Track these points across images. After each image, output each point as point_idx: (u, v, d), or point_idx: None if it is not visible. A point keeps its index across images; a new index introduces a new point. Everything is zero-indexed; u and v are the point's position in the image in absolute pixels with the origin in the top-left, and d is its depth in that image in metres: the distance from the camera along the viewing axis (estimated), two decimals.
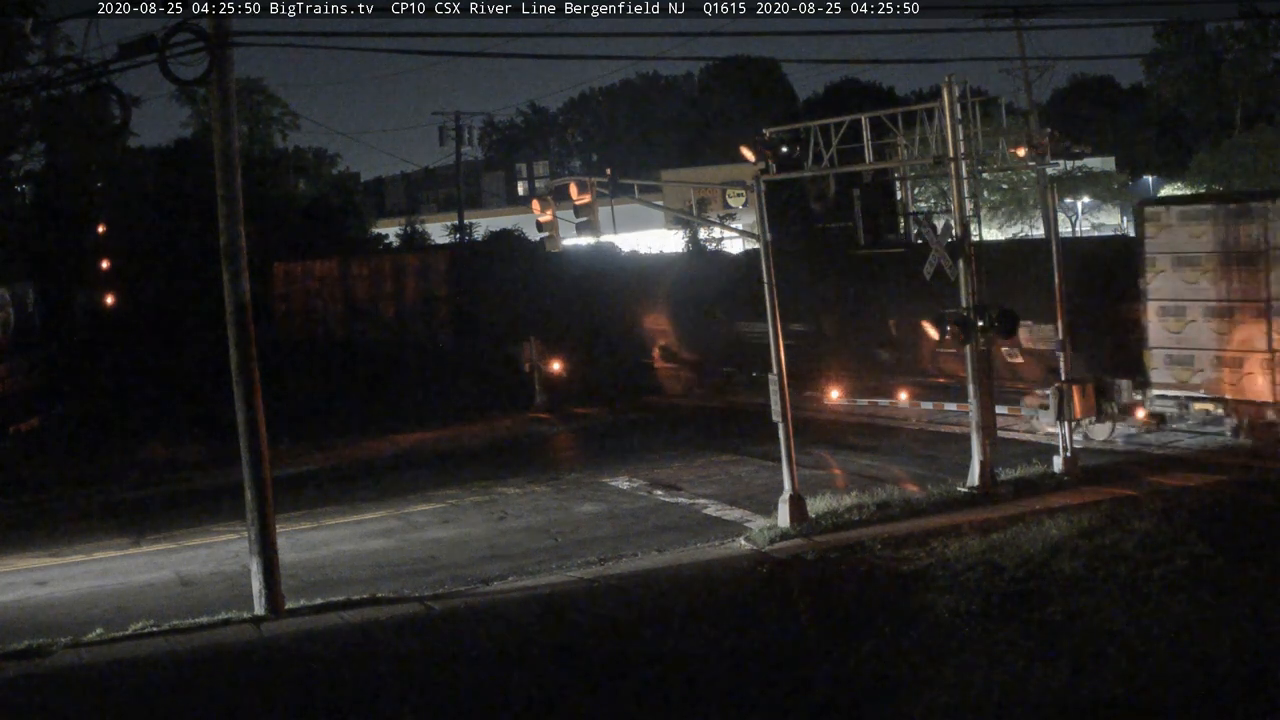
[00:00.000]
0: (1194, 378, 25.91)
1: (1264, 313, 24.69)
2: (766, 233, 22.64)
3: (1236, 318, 25.20)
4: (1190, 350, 25.97)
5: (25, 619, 19.31)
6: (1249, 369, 24.92)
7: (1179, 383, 26.14)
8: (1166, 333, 26.41)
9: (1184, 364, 26.10)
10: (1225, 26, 73.23)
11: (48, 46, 37.47)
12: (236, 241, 18.79)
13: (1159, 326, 26.53)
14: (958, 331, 22.73)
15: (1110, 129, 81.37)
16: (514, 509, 25.25)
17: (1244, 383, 25.08)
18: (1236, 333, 25.21)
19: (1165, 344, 26.41)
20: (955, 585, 17.66)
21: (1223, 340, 25.42)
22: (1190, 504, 20.67)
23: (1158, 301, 26.53)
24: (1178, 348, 26.19)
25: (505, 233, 64.11)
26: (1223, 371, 25.41)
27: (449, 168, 75.67)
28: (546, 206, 23.71)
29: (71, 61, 20.50)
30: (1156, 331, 26.58)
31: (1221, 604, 16.13)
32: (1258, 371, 24.78)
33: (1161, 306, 26.48)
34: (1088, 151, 36.38)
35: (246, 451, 18.82)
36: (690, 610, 17.86)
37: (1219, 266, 25.41)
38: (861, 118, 24.50)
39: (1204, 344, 25.73)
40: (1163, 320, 26.48)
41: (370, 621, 18.08)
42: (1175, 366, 26.26)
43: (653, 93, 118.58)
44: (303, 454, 31.96)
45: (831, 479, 25.55)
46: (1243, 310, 25.06)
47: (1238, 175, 57.13)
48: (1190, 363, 26.01)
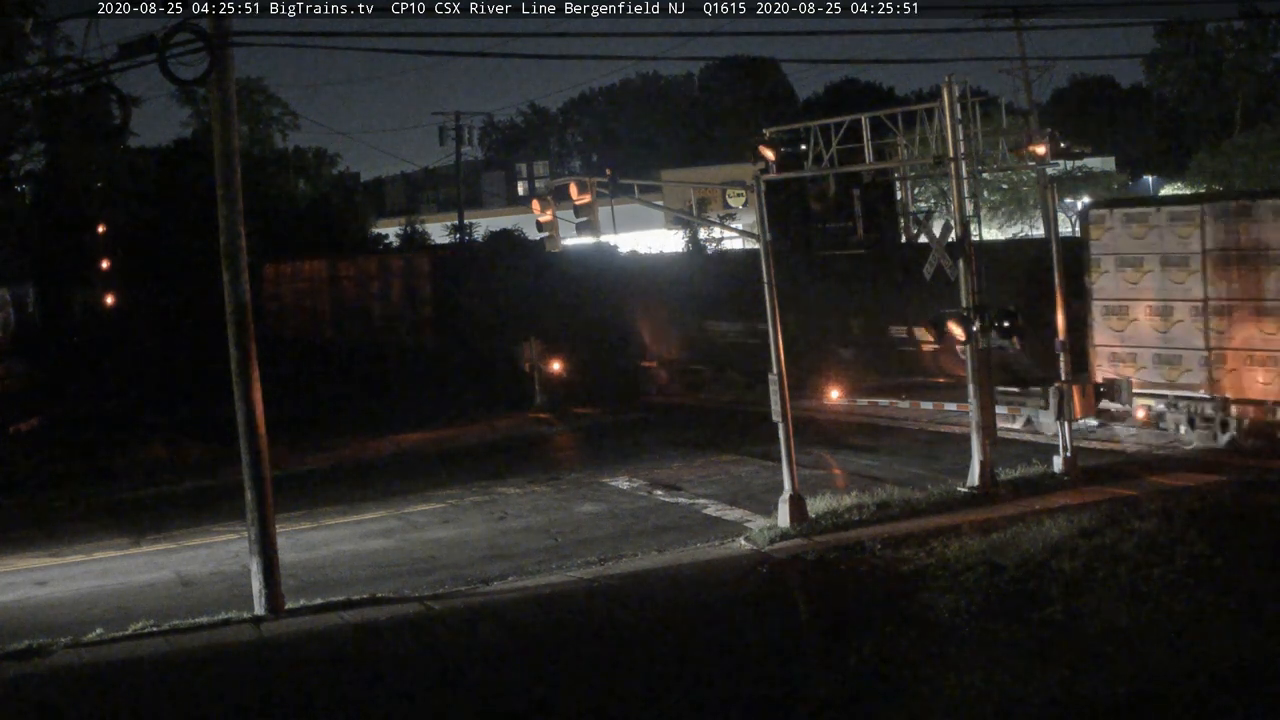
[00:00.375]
0: (1138, 374, 26.66)
1: (1201, 312, 25.66)
2: (766, 233, 22.64)
3: (1175, 316, 26.14)
4: (1134, 348, 26.91)
5: (25, 619, 19.30)
6: (1188, 365, 25.94)
7: (1162, 378, 26.85)
8: (1110, 330, 27.41)
9: (1127, 361, 26.98)
10: (1225, 26, 73.23)
11: (48, 46, 37.50)
12: (236, 241, 18.79)
13: (1103, 324, 27.49)
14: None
15: (1110, 129, 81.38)
16: (514, 509, 25.25)
17: (1183, 379, 26.13)
18: (1176, 330, 26.17)
19: (1109, 342, 27.37)
20: (955, 585, 17.66)
21: (1165, 339, 26.41)
22: (1190, 504, 20.67)
23: (1101, 301, 27.56)
24: (1121, 345, 27.14)
25: (504, 233, 64.11)
26: (1163, 368, 26.33)
27: (449, 168, 75.63)
28: (546, 206, 23.70)
29: (71, 61, 20.52)
30: (1100, 329, 27.53)
31: (1221, 604, 16.13)
32: (1195, 368, 25.72)
33: (1105, 305, 27.51)
34: (1088, 151, 36.41)
35: (246, 452, 18.81)
36: (690, 610, 17.86)
37: (1159, 268, 26.46)
38: (861, 118, 24.49)
39: (1146, 342, 26.65)
40: (1106, 319, 27.49)
41: (370, 621, 18.07)
42: (1119, 363, 27.15)
43: (653, 93, 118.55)
44: (303, 454, 31.95)
45: (831, 479, 25.55)
46: (1181, 309, 26.11)
47: (1238, 175, 57.07)
48: (1134, 360, 26.89)
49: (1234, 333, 25.15)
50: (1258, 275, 24.87)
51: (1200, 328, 25.66)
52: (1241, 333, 25.05)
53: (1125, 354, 27.03)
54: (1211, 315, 25.49)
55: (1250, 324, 24.93)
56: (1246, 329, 24.97)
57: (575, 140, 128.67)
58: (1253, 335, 24.90)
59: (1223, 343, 25.32)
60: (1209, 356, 25.56)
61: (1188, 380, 25.89)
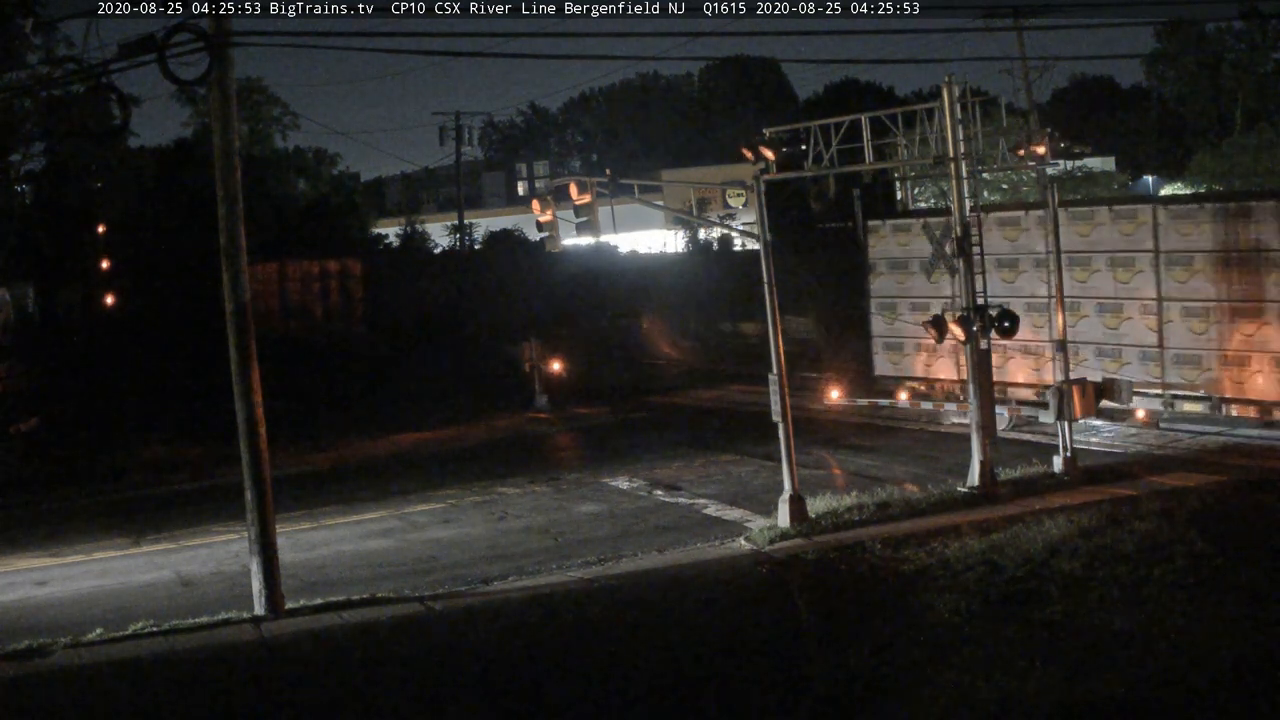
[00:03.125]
0: (903, 361, 32.09)
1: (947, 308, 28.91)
2: (766, 232, 22.65)
3: (932, 310, 29.79)
4: (900, 338, 32.07)
5: (25, 619, 19.30)
6: (941, 355, 30.67)
7: (894, 368, 32.30)
8: (884, 324, 32.40)
9: (895, 350, 32.42)
10: (1225, 26, 73.13)
11: (48, 46, 37.48)
12: (236, 241, 18.78)
13: (878, 319, 32.65)
14: (934, 331, 22.93)
15: (1110, 129, 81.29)
16: (514, 509, 25.25)
17: (936, 367, 31.03)
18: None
19: (882, 333, 32.62)
20: (955, 585, 17.66)
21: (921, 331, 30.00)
22: (1190, 504, 20.66)
23: (877, 299, 32.50)
24: (892, 336, 32.35)
25: (504, 233, 64.33)
26: (922, 356, 31.50)
27: (449, 168, 75.57)
28: (546, 206, 23.70)
29: (71, 61, 20.50)
30: (876, 323, 32.64)
31: (1221, 604, 16.12)
32: (948, 357, 30.12)
33: (880, 303, 32.49)
34: (1088, 151, 36.58)
35: (246, 451, 18.81)
36: (690, 610, 17.86)
37: (920, 270, 31.42)
38: (861, 118, 24.48)
39: (910, 335, 31.29)
40: (881, 314, 32.54)
41: (370, 621, 18.07)
42: (890, 351, 32.57)
43: (653, 93, 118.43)
44: (303, 454, 31.95)
45: (831, 479, 25.55)
46: (936, 305, 30.07)
47: (1238, 175, 56.97)
48: (900, 349, 32.23)
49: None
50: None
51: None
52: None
53: (895, 343, 32.36)
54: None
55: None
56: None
57: (575, 140, 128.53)
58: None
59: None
60: (920, 345, 31.18)
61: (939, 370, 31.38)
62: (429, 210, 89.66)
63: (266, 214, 61.58)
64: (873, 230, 32.92)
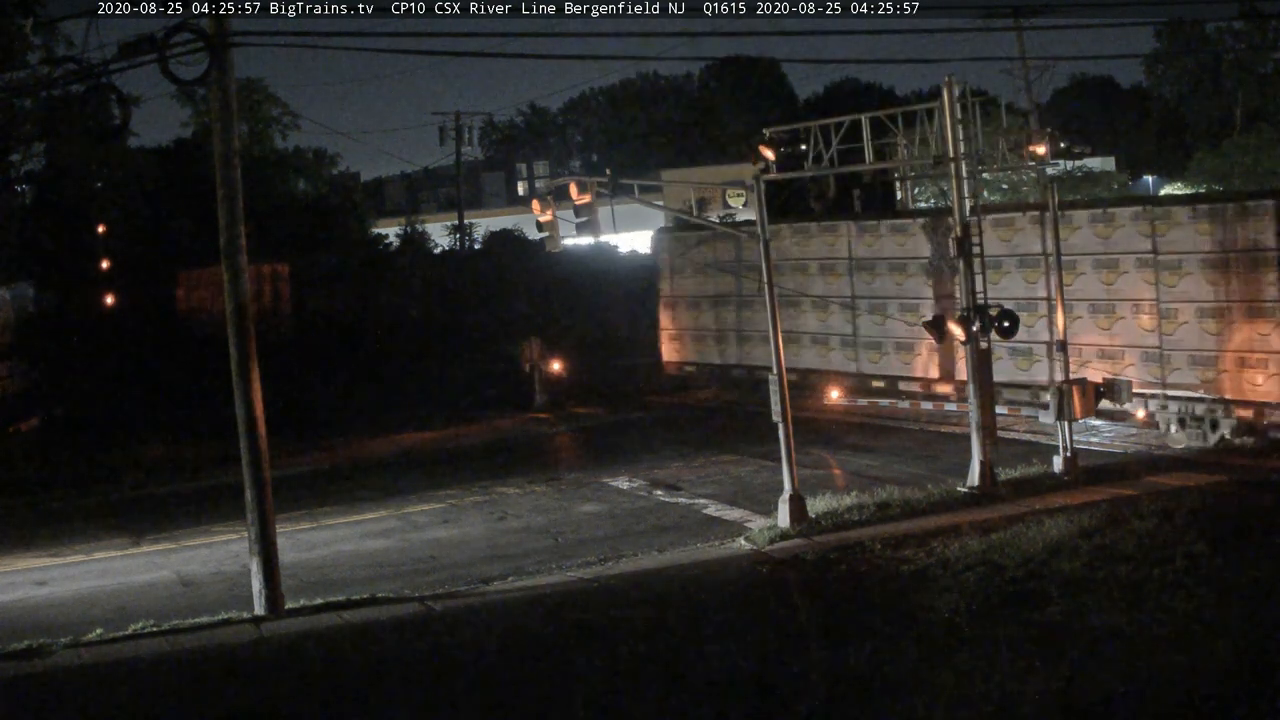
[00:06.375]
0: (696, 352, 38.98)
1: (736, 307, 36.93)
2: (766, 232, 22.66)
3: (720, 311, 37.92)
4: (683, 329, 39.44)
5: (25, 619, 19.31)
6: (750, 347, 36.17)
7: (697, 356, 38.94)
8: (670, 317, 39.85)
9: (700, 341, 38.96)
10: (1225, 26, 73.07)
11: (48, 46, 37.46)
12: (236, 241, 18.79)
13: (666, 314, 39.90)
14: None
15: (1110, 129, 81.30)
16: (514, 509, 25.25)
17: (749, 352, 36.05)
18: (704, 319, 38.55)
19: (668, 325, 39.99)
20: (955, 585, 17.65)
21: (698, 323, 38.92)
22: (1190, 504, 20.65)
23: (665, 297, 40.11)
24: (675, 328, 39.74)
25: (504, 233, 64.36)
26: (742, 346, 36.85)
27: (449, 168, 75.55)
28: (546, 206, 23.71)
29: (71, 61, 20.47)
30: (664, 317, 39.99)
31: (1221, 604, 16.11)
32: (758, 343, 34.05)
33: (666, 300, 39.95)
34: (1087, 151, 36.61)
35: (246, 451, 18.82)
36: (690, 610, 17.85)
37: (700, 272, 38.44)
38: (861, 118, 24.50)
39: (704, 326, 38.59)
40: (672, 311, 39.72)
41: (370, 621, 18.08)
42: (675, 342, 39.64)
43: (653, 93, 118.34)
44: (303, 454, 31.94)
45: (831, 479, 25.55)
46: (727, 302, 37.58)
47: (1238, 175, 56.96)
48: (684, 339, 39.55)
49: (754, 318, 34.58)
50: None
51: (734, 315, 37.27)
52: (758, 316, 31.59)
53: (678, 334, 39.65)
54: (733, 309, 37.25)
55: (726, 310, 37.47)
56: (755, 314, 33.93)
57: (575, 140, 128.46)
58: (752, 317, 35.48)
59: (755, 326, 35.01)
60: (739, 335, 37.00)
61: (731, 353, 37.56)
62: (429, 210, 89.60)
63: (267, 214, 61.71)
64: (660, 239, 41.10)
